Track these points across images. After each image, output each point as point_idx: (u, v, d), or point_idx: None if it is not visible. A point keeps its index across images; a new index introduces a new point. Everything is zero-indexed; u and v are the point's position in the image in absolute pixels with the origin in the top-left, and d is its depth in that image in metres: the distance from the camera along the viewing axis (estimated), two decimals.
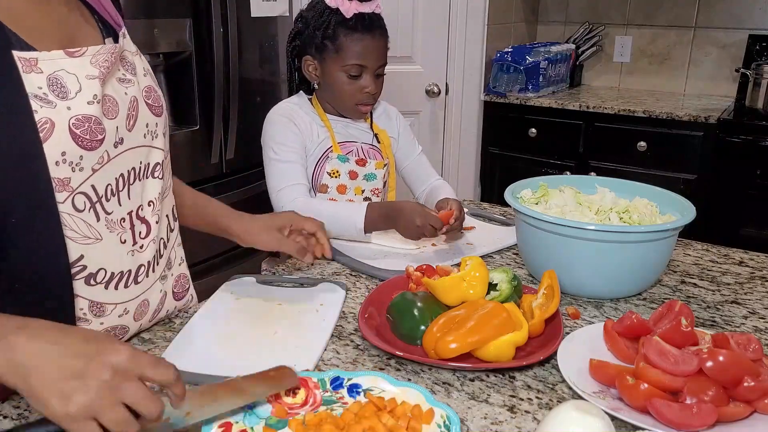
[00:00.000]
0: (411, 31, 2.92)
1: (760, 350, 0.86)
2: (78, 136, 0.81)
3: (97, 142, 0.83)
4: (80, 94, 0.81)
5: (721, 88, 3.15)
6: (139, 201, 0.94)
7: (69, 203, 0.83)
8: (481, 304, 0.95)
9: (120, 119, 0.88)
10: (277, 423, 0.77)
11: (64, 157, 0.80)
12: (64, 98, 0.80)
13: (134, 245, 0.93)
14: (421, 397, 0.77)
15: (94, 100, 0.83)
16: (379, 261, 1.28)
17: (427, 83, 3.02)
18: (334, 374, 0.82)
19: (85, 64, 0.83)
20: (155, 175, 0.96)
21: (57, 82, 0.80)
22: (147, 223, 0.95)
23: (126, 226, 0.91)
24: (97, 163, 0.84)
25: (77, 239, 0.85)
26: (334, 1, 1.39)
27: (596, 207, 1.19)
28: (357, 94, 1.45)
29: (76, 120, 0.81)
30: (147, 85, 0.96)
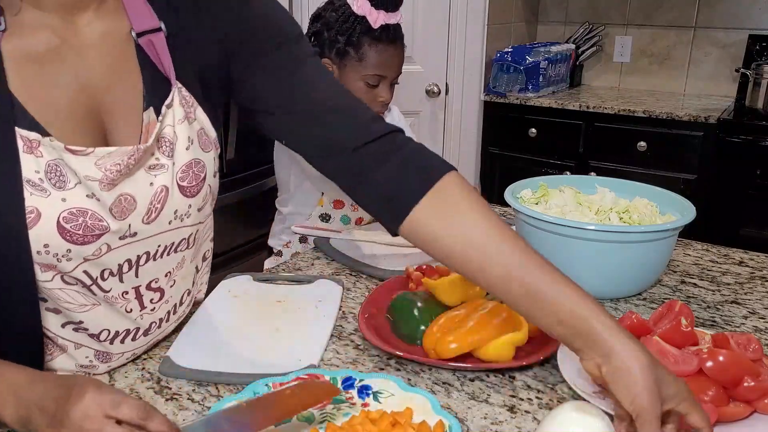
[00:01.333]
0: (411, 31, 2.91)
1: (760, 350, 0.86)
2: (67, 231, 0.71)
3: (93, 237, 0.73)
4: (79, 186, 0.71)
5: (721, 88, 3.15)
6: (151, 277, 0.83)
7: (58, 280, 0.75)
8: (481, 304, 0.95)
9: (136, 215, 0.76)
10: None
11: (47, 249, 0.71)
12: (61, 188, 0.70)
13: (142, 310, 0.85)
14: (427, 404, 0.77)
15: (93, 196, 0.72)
16: (379, 261, 1.28)
17: (427, 83, 3.02)
18: (346, 374, 0.83)
19: (88, 164, 0.71)
20: (178, 250, 0.85)
21: (56, 170, 0.70)
22: (161, 291, 0.86)
23: (130, 297, 0.82)
24: (92, 255, 0.74)
25: (73, 309, 0.78)
26: (361, 8, 1.38)
27: (596, 207, 1.19)
28: (372, 103, 1.44)
29: (68, 214, 0.71)
30: (187, 162, 0.80)
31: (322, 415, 0.79)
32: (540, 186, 1.28)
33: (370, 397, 0.80)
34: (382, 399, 0.80)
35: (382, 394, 0.80)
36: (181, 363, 0.89)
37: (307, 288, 1.15)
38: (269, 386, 0.80)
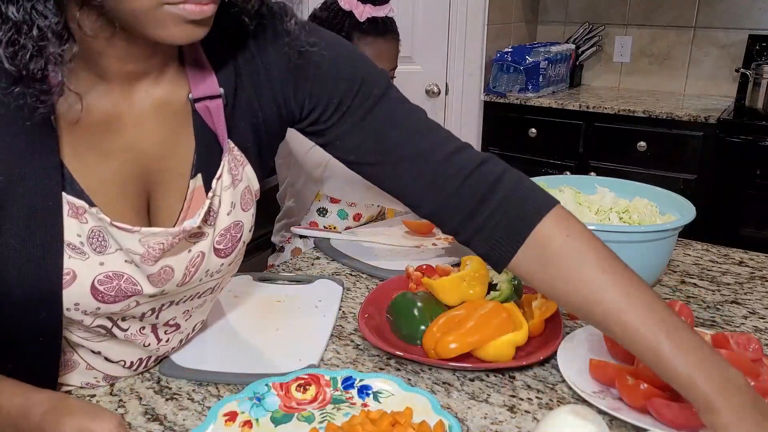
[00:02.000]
0: (411, 31, 2.92)
1: (760, 350, 0.86)
2: (99, 293, 0.72)
3: (122, 298, 0.74)
4: (119, 252, 0.71)
5: (721, 88, 3.15)
6: (170, 317, 0.84)
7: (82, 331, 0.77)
8: (481, 304, 0.95)
9: (171, 283, 0.77)
10: (282, 416, 0.78)
11: (76, 307, 0.72)
12: (101, 253, 0.70)
13: (159, 343, 0.86)
14: (427, 404, 0.77)
15: (130, 261, 0.72)
16: (379, 261, 1.29)
17: (427, 83, 3.02)
18: (346, 374, 0.83)
19: (132, 240, 0.71)
20: (203, 296, 0.86)
21: (99, 236, 0.70)
22: (177, 326, 0.87)
23: (147, 333, 0.83)
24: (119, 311, 0.75)
25: (90, 338, 0.79)
26: (348, 3, 1.39)
27: (596, 207, 1.19)
28: None
29: (104, 277, 0.71)
30: (226, 226, 0.79)
31: (322, 415, 0.79)
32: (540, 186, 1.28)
33: (370, 397, 0.81)
34: (382, 399, 0.80)
35: (382, 394, 0.80)
36: (181, 363, 0.89)
37: (307, 288, 1.15)
38: (269, 386, 0.80)
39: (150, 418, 0.80)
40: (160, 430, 0.79)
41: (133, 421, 0.80)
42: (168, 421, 0.80)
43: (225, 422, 0.75)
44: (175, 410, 0.82)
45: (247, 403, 0.78)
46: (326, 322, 1.03)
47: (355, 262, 1.28)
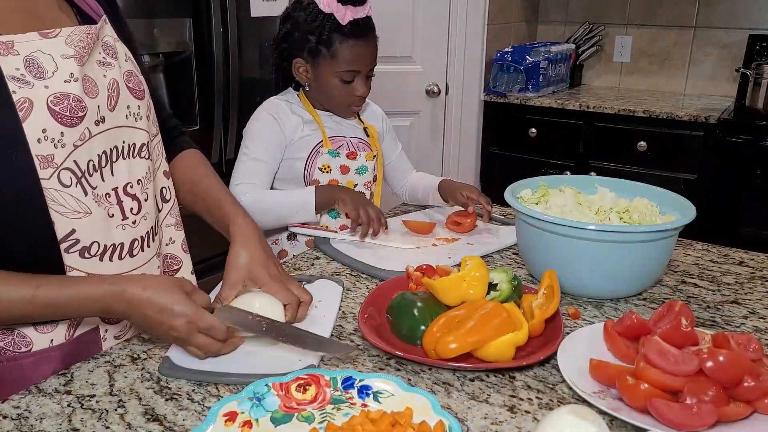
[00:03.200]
0: (411, 31, 2.92)
1: (761, 350, 0.86)
2: (57, 113, 0.84)
3: (78, 119, 0.86)
4: (57, 73, 0.85)
5: (721, 88, 3.15)
6: (126, 179, 0.96)
7: (55, 179, 0.85)
8: (481, 304, 0.95)
9: (101, 99, 0.90)
10: (282, 417, 0.78)
11: (45, 134, 0.83)
12: (42, 77, 0.83)
13: (124, 220, 0.96)
14: (428, 404, 0.77)
15: (71, 78, 0.86)
16: (379, 261, 1.28)
17: (427, 83, 3.02)
18: (346, 374, 0.83)
19: (59, 44, 0.86)
20: (141, 155, 0.99)
21: (33, 63, 0.83)
22: (137, 200, 0.98)
23: (112, 201, 0.94)
24: (79, 140, 0.87)
25: (67, 214, 0.88)
26: (328, 6, 1.39)
27: (596, 207, 1.19)
28: (348, 98, 1.49)
29: (54, 98, 0.84)
30: (128, 69, 0.97)
31: (321, 415, 0.79)
32: (540, 186, 1.28)
33: (370, 398, 0.80)
34: (382, 399, 0.80)
35: (382, 395, 0.80)
36: (180, 363, 0.89)
37: (308, 288, 1.14)
38: (269, 386, 0.80)
39: (150, 418, 0.80)
40: (160, 430, 0.79)
41: (133, 421, 0.80)
42: (168, 421, 0.80)
43: (225, 422, 0.75)
44: (175, 410, 0.82)
45: (246, 404, 0.78)
46: (326, 322, 1.02)
47: (355, 262, 1.28)
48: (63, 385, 0.87)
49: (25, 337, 0.90)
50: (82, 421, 0.80)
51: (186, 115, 2.25)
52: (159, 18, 2.05)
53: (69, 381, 0.88)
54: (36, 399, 0.84)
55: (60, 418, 0.80)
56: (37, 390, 0.86)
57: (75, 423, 0.80)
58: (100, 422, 0.80)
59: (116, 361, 0.93)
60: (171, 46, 2.13)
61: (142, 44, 2.04)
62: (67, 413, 0.81)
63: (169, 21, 2.09)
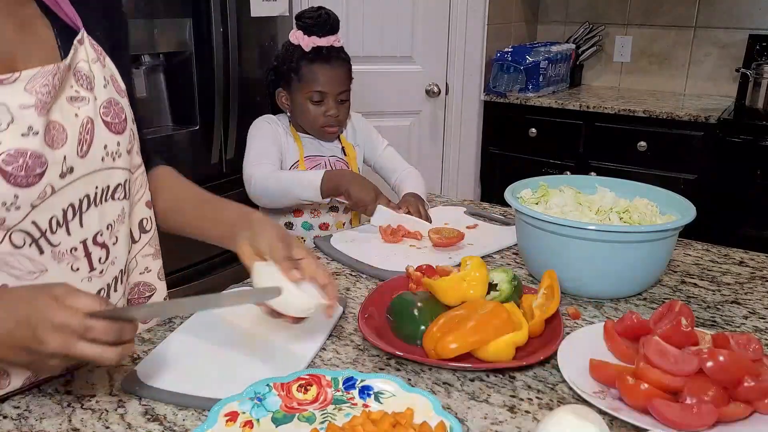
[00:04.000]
0: (411, 31, 2.92)
1: (761, 350, 0.86)
2: (9, 174, 0.72)
3: (36, 177, 0.75)
4: (12, 126, 0.73)
5: (721, 88, 3.15)
6: (97, 227, 0.86)
7: (6, 243, 0.76)
8: (481, 304, 0.95)
9: (69, 147, 0.79)
10: (283, 417, 0.78)
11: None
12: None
13: (91, 271, 0.87)
14: (429, 405, 0.77)
15: (29, 132, 0.74)
16: (379, 261, 1.28)
17: (427, 83, 3.02)
18: (348, 374, 0.83)
19: (17, 91, 0.74)
20: (116, 197, 0.89)
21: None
22: (105, 247, 0.88)
23: (79, 255, 0.84)
24: (38, 199, 0.76)
25: (21, 276, 0.79)
26: (296, 38, 1.59)
27: (596, 207, 1.19)
28: (321, 118, 1.62)
29: (7, 156, 0.72)
30: (106, 99, 0.86)
31: (323, 416, 0.79)
32: (540, 186, 1.28)
33: (372, 398, 0.80)
34: (383, 399, 0.80)
35: (384, 395, 0.80)
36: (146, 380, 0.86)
37: None
38: (270, 386, 0.80)
39: (150, 418, 0.80)
40: (160, 430, 0.79)
41: (133, 421, 0.80)
42: (168, 421, 0.80)
43: (226, 422, 0.75)
44: (175, 410, 0.82)
45: (248, 404, 0.78)
46: (322, 328, 0.98)
47: (355, 262, 1.28)
48: (63, 385, 0.87)
49: None
50: (82, 421, 0.80)
51: (186, 116, 2.25)
52: (159, 18, 2.05)
53: (69, 381, 0.88)
54: (36, 399, 0.84)
55: (60, 418, 0.80)
56: (37, 390, 0.86)
57: (75, 423, 0.80)
58: (100, 422, 0.80)
59: None
60: (171, 46, 2.13)
61: (142, 44, 2.04)
62: (67, 413, 0.81)
63: (169, 21, 2.09)
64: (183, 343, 0.96)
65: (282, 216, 1.65)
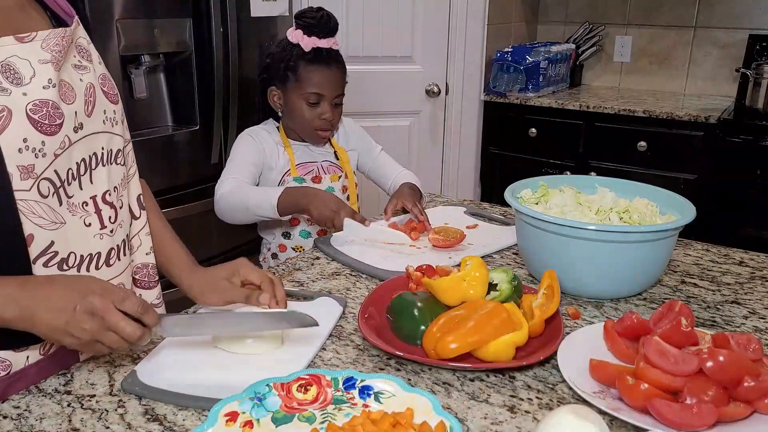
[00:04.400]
0: (411, 31, 2.92)
1: (761, 350, 0.86)
2: (37, 122, 0.81)
3: (57, 127, 0.84)
4: (35, 79, 0.82)
5: (722, 88, 3.15)
6: (105, 186, 0.94)
7: (35, 190, 0.83)
8: (481, 304, 0.95)
9: (78, 104, 0.88)
10: (283, 417, 0.78)
11: (26, 144, 0.80)
12: (19, 84, 0.80)
13: (102, 229, 0.94)
14: (429, 405, 0.77)
15: (49, 84, 0.83)
16: (379, 261, 1.28)
17: (427, 83, 3.02)
18: (348, 374, 0.83)
19: (36, 48, 0.83)
20: (118, 161, 0.97)
21: (10, 69, 0.80)
22: (114, 208, 0.96)
23: (90, 210, 0.92)
24: (59, 148, 0.85)
25: (45, 225, 0.85)
26: (295, 36, 1.54)
27: (596, 207, 1.19)
28: (315, 120, 1.58)
29: (33, 105, 0.81)
30: (102, 73, 0.96)
31: (323, 416, 0.79)
32: (540, 186, 1.28)
33: (372, 398, 0.80)
34: (383, 399, 0.80)
35: (384, 395, 0.80)
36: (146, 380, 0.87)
37: (307, 306, 1.09)
38: (270, 386, 0.80)
39: (150, 418, 0.80)
40: (160, 430, 0.79)
41: (133, 421, 0.80)
42: (168, 421, 0.80)
43: (226, 422, 0.75)
44: (175, 410, 0.82)
45: (248, 404, 0.78)
46: (320, 332, 0.97)
47: (355, 262, 1.28)
48: (63, 385, 0.87)
49: (4, 361, 0.87)
50: (82, 421, 0.80)
51: (186, 116, 2.25)
52: (159, 18, 2.05)
53: (69, 381, 0.88)
54: (36, 399, 0.84)
55: (60, 418, 0.80)
56: (37, 390, 0.86)
57: (75, 423, 0.80)
58: (100, 422, 0.80)
59: (116, 362, 0.93)
60: (171, 46, 2.13)
61: (142, 44, 2.04)
62: (67, 413, 0.81)
63: (169, 21, 2.09)
64: (183, 343, 0.96)
65: (277, 227, 1.63)
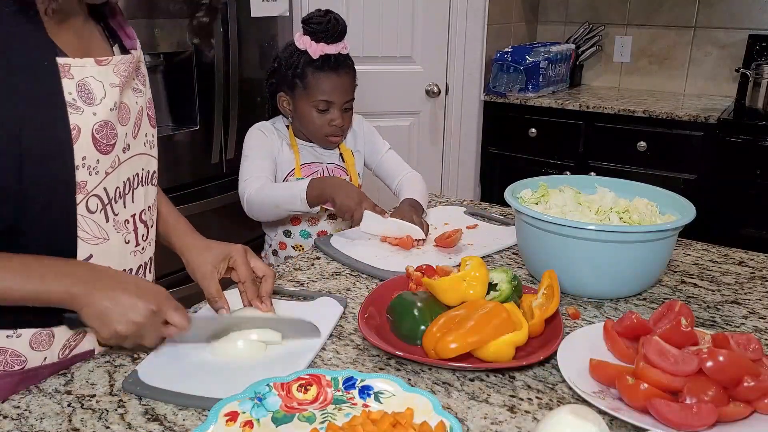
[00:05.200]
0: (411, 31, 2.92)
1: (760, 350, 0.86)
2: (98, 141, 0.87)
3: (111, 146, 0.89)
4: (104, 101, 0.87)
5: (721, 88, 3.15)
6: (142, 206, 0.99)
7: (83, 205, 0.88)
8: (481, 304, 0.95)
9: (129, 126, 0.93)
10: (283, 417, 0.78)
11: (84, 161, 0.85)
12: (91, 104, 0.85)
13: (137, 246, 0.99)
14: (429, 405, 0.77)
15: (114, 106, 0.88)
16: (379, 261, 1.28)
17: (427, 83, 3.02)
18: (348, 374, 0.83)
19: (109, 72, 0.88)
20: (153, 182, 1.03)
21: (85, 89, 0.85)
22: (147, 226, 1.01)
23: (130, 228, 0.97)
24: (110, 167, 0.90)
25: (88, 239, 0.90)
26: (303, 43, 1.52)
27: (596, 207, 1.19)
28: (326, 127, 1.58)
29: (98, 126, 0.86)
30: (149, 97, 1.01)
31: (323, 416, 0.79)
32: (540, 186, 1.28)
33: (372, 398, 0.80)
34: (383, 399, 0.80)
35: (384, 395, 0.80)
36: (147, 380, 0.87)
37: (308, 306, 1.10)
38: (270, 386, 0.80)
39: (150, 418, 0.80)
40: (160, 430, 0.79)
41: (133, 421, 0.80)
42: (168, 421, 0.80)
43: (226, 422, 0.75)
44: (175, 410, 0.82)
45: (248, 403, 0.78)
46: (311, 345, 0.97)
47: (355, 262, 1.28)
48: (63, 385, 0.87)
49: (20, 356, 0.90)
50: (82, 421, 0.80)
51: (186, 116, 2.25)
52: (159, 18, 2.05)
53: (69, 381, 0.88)
54: (36, 399, 0.84)
55: (60, 418, 0.80)
56: (37, 390, 0.86)
57: (75, 423, 0.80)
58: (100, 422, 0.80)
59: (116, 361, 0.93)
60: (171, 46, 2.13)
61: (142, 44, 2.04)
62: (67, 413, 0.81)
63: (169, 21, 2.09)
64: (183, 343, 0.96)
65: (280, 225, 1.63)
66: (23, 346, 0.90)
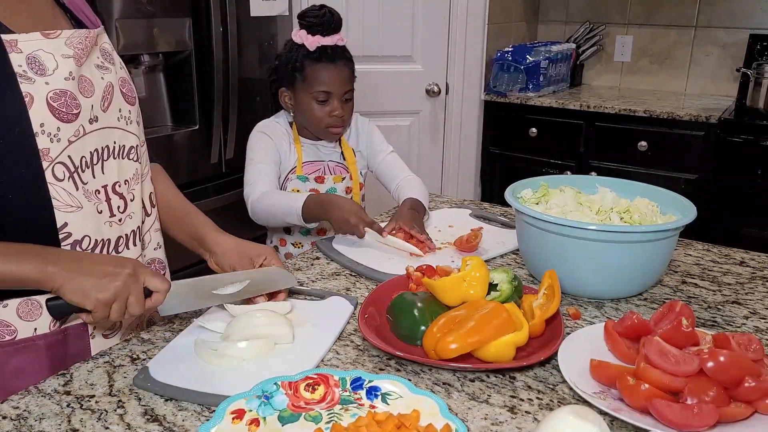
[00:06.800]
0: (411, 31, 2.92)
1: (761, 350, 0.86)
2: (55, 109, 0.89)
3: (73, 116, 0.92)
4: (57, 71, 0.90)
5: (722, 87, 3.15)
6: (115, 178, 1.00)
7: (50, 172, 0.90)
8: (482, 304, 0.95)
9: (95, 99, 0.96)
10: (290, 416, 0.78)
11: (42, 128, 0.88)
12: (42, 74, 0.88)
13: (111, 217, 1.00)
14: (435, 407, 0.77)
15: (69, 77, 0.91)
16: (379, 263, 1.28)
17: (427, 83, 3.02)
18: (355, 375, 0.83)
19: (60, 45, 0.91)
20: (130, 157, 1.04)
21: (35, 61, 0.88)
22: (124, 199, 1.02)
23: (101, 198, 0.98)
24: (73, 136, 0.92)
25: (60, 207, 0.92)
26: (299, 37, 1.56)
27: (597, 207, 1.19)
28: (326, 118, 1.59)
29: (53, 94, 0.89)
30: (122, 76, 1.03)
31: (329, 416, 0.79)
32: (540, 186, 1.28)
33: (379, 399, 0.80)
34: (390, 401, 0.80)
35: (391, 396, 0.80)
36: (158, 377, 0.87)
37: (319, 305, 1.10)
38: (278, 385, 0.80)
39: (150, 419, 0.80)
40: (159, 430, 0.78)
41: (133, 421, 0.80)
42: (168, 421, 0.80)
43: (232, 420, 0.75)
44: (175, 410, 0.82)
45: (255, 401, 0.78)
46: (322, 341, 0.97)
47: (355, 264, 1.28)
48: (62, 386, 0.87)
49: (9, 325, 0.92)
50: (81, 421, 0.80)
51: (186, 116, 2.25)
52: (159, 18, 2.05)
53: (68, 381, 0.88)
54: (35, 399, 0.84)
55: (59, 419, 0.80)
56: (36, 390, 0.86)
57: (74, 423, 0.80)
58: (99, 422, 0.80)
59: (116, 362, 0.93)
60: (171, 46, 2.13)
61: (142, 44, 2.04)
62: (67, 413, 0.81)
63: (169, 21, 2.09)
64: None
65: None
66: (11, 315, 0.92)
